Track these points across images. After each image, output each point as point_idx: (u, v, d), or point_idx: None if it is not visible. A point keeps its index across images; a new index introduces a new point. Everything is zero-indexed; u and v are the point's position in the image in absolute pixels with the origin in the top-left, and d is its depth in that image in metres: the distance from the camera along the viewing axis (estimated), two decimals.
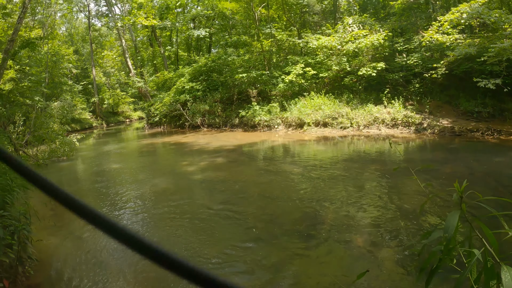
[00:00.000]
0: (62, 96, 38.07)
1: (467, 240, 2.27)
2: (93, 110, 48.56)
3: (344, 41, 23.10)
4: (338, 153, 14.56)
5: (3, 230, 4.92)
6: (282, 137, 20.62)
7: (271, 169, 12.33)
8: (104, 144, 25.57)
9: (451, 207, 7.08)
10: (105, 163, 16.72)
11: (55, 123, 23.13)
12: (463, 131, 16.97)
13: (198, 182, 11.20)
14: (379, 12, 27.96)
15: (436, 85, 20.56)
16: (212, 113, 27.88)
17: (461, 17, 17.43)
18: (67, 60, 42.28)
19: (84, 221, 0.50)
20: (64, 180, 13.60)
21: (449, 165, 11.22)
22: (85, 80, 51.38)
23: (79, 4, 50.87)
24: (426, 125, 18.41)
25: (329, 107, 21.46)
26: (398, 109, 19.69)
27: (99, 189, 11.49)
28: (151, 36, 41.44)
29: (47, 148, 17.92)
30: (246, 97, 27.05)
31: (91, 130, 41.97)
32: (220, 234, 6.81)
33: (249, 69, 27.53)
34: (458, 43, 17.98)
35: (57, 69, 37.97)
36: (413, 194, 8.45)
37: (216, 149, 17.74)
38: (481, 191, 7.30)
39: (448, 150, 14.16)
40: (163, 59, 39.01)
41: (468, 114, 18.49)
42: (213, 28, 37.35)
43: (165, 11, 38.91)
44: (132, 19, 33.00)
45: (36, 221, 6.82)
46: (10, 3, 28.95)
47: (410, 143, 15.96)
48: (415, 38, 21.86)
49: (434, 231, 2.33)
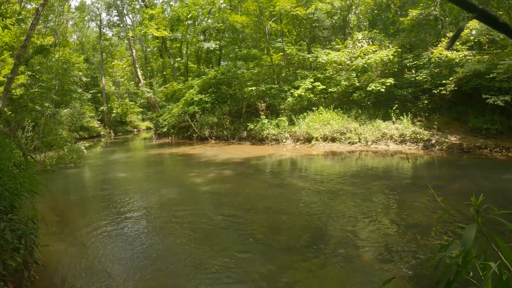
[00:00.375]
0: (72, 104, 38.34)
1: (483, 253, 2.25)
2: (102, 118, 48.87)
3: (353, 56, 23.16)
4: (345, 168, 14.50)
5: (11, 233, 4.92)
6: (290, 151, 20.59)
7: (278, 182, 12.29)
8: (111, 153, 25.67)
9: (462, 222, 7.03)
10: (112, 172, 16.76)
11: (64, 130, 23.29)
12: (471, 148, 16.87)
13: (205, 194, 11.18)
14: (388, 28, 28.02)
15: (444, 101, 20.49)
16: (220, 125, 27.93)
17: (471, 33, 17.45)
18: (78, 68, 42.66)
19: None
20: (70, 186, 13.65)
21: (457, 182, 11.13)
22: (95, 88, 51.76)
23: (91, 13, 51.57)
24: (434, 141, 18.32)
25: (338, 122, 21.43)
26: (406, 125, 19.62)
27: (105, 196, 11.50)
28: (161, 47, 41.76)
29: (55, 155, 18.01)
30: (254, 111, 27.10)
31: (99, 139, 42.21)
32: (224, 245, 6.77)
33: (258, 82, 27.62)
34: (467, 59, 17.97)
35: (67, 77, 38.30)
36: (421, 209, 8.37)
37: (224, 161, 17.74)
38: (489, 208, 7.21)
39: (456, 167, 14.07)
40: (173, 70, 39.27)
41: (477, 130, 18.38)
42: (223, 41, 37.59)
43: (176, 22, 39.29)
44: (143, 30, 33.34)
45: (44, 226, 6.82)
46: (24, 10, 29.36)
47: (418, 159, 15.87)
48: (424, 54, 21.83)
49: (451, 244, 2.31)
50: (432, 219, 7.61)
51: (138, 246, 6.97)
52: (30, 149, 16.54)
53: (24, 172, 7.92)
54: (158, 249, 6.79)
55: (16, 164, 8.28)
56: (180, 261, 6.16)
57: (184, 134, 30.94)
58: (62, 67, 36.24)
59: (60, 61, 34.49)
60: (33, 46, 23.97)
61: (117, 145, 33.90)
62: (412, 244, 6.38)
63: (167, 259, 6.27)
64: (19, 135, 16.43)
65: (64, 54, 35.82)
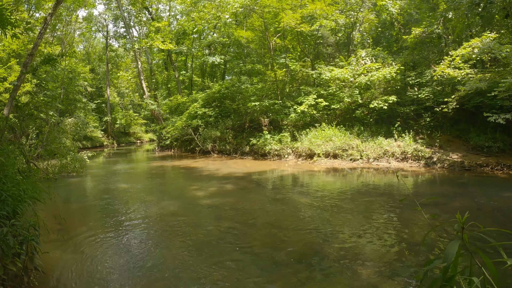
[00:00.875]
0: (76, 113, 38.55)
1: (467, 269, 2.31)
2: (105, 129, 49.10)
3: (356, 73, 23.29)
4: (346, 185, 14.53)
5: (13, 239, 4.99)
6: (292, 167, 20.62)
7: (279, 198, 12.32)
8: (114, 163, 25.76)
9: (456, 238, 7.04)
10: (114, 182, 16.84)
11: (67, 139, 23.47)
12: (472, 166, 16.88)
13: (205, 207, 11.21)
14: (392, 45, 28.23)
15: (446, 119, 20.58)
16: (223, 139, 28.01)
17: (473, 52, 17.56)
18: (83, 78, 42.91)
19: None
20: (72, 195, 13.73)
21: (457, 200, 11.17)
22: (99, 99, 52.10)
23: (98, 24, 52.10)
24: (436, 159, 18.34)
25: (340, 139, 21.49)
26: (408, 143, 19.66)
27: (106, 206, 11.57)
28: (166, 60, 42.06)
29: (58, 163, 18.12)
30: (257, 126, 27.20)
31: (101, 149, 42.33)
32: (221, 258, 6.80)
33: (261, 97, 27.76)
34: (469, 77, 18.05)
35: (72, 86, 38.51)
36: (421, 226, 8.41)
37: (226, 175, 17.79)
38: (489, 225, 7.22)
39: (457, 185, 14.09)
40: (177, 83, 39.51)
41: (478, 148, 18.40)
42: (228, 55, 37.89)
43: (182, 36, 39.61)
44: (149, 42, 33.59)
45: (45, 233, 6.88)
46: (32, 18, 29.70)
47: (420, 177, 15.89)
48: (427, 72, 21.94)
49: (435, 259, 2.38)
50: (429, 237, 7.64)
51: (136, 255, 7.03)
52: (34, 156, 16.66)
53: (27, 179, 8.02)
54: (155, 258, 6.84)
55: (20, 171, 8.37)
56: (177, 271, 6.21)
57: (187, 147, 31.05)
58: (68, 77, 36.48)
59: (66, 70, 34.77)
60: (40, 54, 24.25)
61: (119, 156, 34.00)
62: (407, 261, 6.42)
63: (164, 269, 6.32)
64: (23, 142, 16.57)
65: (70, 63, 36.11)
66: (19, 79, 14.71)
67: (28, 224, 5.71)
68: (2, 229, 5.00)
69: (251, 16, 30.36)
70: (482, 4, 17.27)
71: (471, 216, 2.47)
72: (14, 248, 5.00)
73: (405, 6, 25.41)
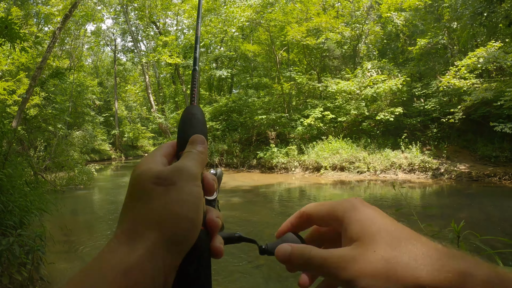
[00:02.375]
0: (84, 126, 38.72)
1: None
2: (113, 142, 49.26)
3: (363, 85, 23.30)
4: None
5: (19, 248, 5.02)
6: (299, 179, 20.58)
7: (285, 211, 12.29)
8: (121, 176, 25.83)
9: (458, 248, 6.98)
10: (121, 195, 16.87)
11: (75, 151, 23.56)
12: (480, 176, 16.77)
13: None
14: (398, 57, 28.26)
15: (453, 130, 20.50)
16: (230, 153, 28.02)
17: (478, 61, 17.55)
18: (91, 92, 43.21)
19: None
20: (79, 207, 13.78)
21: (465, 210, 11.09)
22: (107, 112, 52.34)
23: (106, 38, 52.62)
24: (443, 170, 18.25)
25: (347, 151, 21.44)
26: (415, 154, 19.59)
27: (113, 219, 11.58)
28: (174, 74, 42.30)
29: (66, 175, 18.19)
30: (264, 139, 27.22)
31: (109, 162, 42.47)
32: (226, 270, 6.80)
33: (268, 111, 27.80)
34: (475, 87, 18.03)
35: (81, 99, 38.78)
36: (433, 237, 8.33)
37: (233, 188, 17.77)
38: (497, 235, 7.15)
39: (465, 196, 13.99)
40: (185, 97, 39.65)
41: (486, 158, 18.28)
42: (235, 69, 38.04)
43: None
44: (156, 56, 33.90)
45: (51, 244, 6.91)
46: (40, 32, 30.09)
47: (427, 188, 15.80)
48: (433, 83, 21.90)
49: None
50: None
51: None
52: (41, 168, 16.76)
53: (34, 190, 8.06)
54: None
55: (27, 183, 8.43)
56: None
57: None
58: (76, 90, 36.79)
59: (75, 83, 35.09)
60: (48, 68, 24.49)
61: (127, 169, 34.09)
62: None
63: None
64: (31, 154, 16.69)
65: (78, 77, 36.44)
66: (27, 92, 14.88)
67: (35, 235, 5.73)
68: (9, 238, 5.03)
69: (258, 30, 30.58)
70: (485, 13, 17.25)
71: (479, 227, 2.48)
72: (20, 258, 5.02)
73: (410, 18, 25.48)
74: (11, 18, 8.13)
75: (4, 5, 20.96)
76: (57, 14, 30.49)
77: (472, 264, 0.43)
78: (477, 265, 0.43)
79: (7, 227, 5.73)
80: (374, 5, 26.89)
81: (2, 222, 5.73)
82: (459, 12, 20.33)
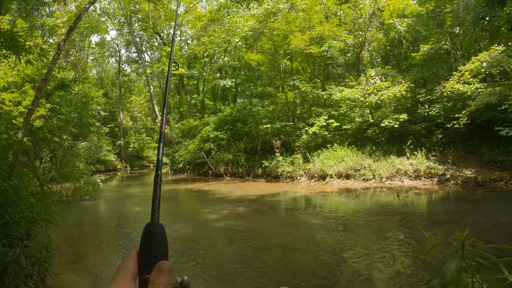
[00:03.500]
0: (89, 137, 38.97)
1: (469, 286, 2.29)
2: (118, 152, 49.50)
3: (367, 93, 23.30)
4: (359, 205, 14.41)
5: (25, 260, 5.04)
6: (304, 188, 20.53)
7: (291, 220, 12.25)
8: (127, 187, 25.89)
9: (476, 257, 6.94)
10: (126, 205, 16.91)
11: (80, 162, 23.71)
12: (486, 181, 16.67)
13: (218, 230, 11.18)
14: (401, 63, 28.28)
15: (458, 135, 20.43)
16: (235, 162, 28.05)
17: (481, 66, 17.53)
18: (96, 102, 43.55)
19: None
20: (85, 218, 13.80)
21: (471, 216, 11.02)
22: (112, 123, 52.66)
23: (111, 49, 53.03)
24: (449, 176, 18.16)
25: (352, 159, 21.40)
26: (420, 161, 19.52)
27: (119, 229, 11.60)
28: (178, 84, 42.58)
29: (71, 186, 18.25)
30: (269, 148, 27.23)
31: (115, 172, 42.60)
32: (237, 281, 6.78)
33: (273, 120, 27.87)
34: (479, 92, 17.99)
35: (86, 110, 39.10)
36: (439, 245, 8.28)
37: (238, 198, 17.75)
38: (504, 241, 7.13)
39: (471, 201, 13.91)
40: (189, 107, 39.87)
41: (492, 163, 18.17)
42: (239, 78, 38.22)
43: (193, 60, 40.20)
44: (161, 67, 34.11)
45: (57, 255, 6.92)
46: (45, 44, 30.34)
47: (433, 194, 15.72)
48: (437, 88, 21.88)
49: (434, 278, 2.36)
50: (444, 255, 7.52)
51: None
52: (47, 179, 16.82)
53: (40, 201, 8.09)
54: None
55: (33, 194, 8.46)
56: None
57: (199, 170, 31.12)
58: (81, 101, 37.07)
59: (80, 94, 35.31)
60: (53, 79, 24.68)
61: (133, 179, 34.18)
62: (421, 282, 6.33)
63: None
64: (37, 165, 16.78)
65: (83, 88, 36.69)
66: (33, 104, 14.99)
67: (41, 246, 5.75)
68: (15, 250, 5.04)
69: (261, 39, 30.70)
70: (487, 17, 17.26)
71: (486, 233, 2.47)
72: (26, 269, 5.03)
73: (412, 24, 25.55)
74: (16, 30, 8.21)
75: (9, 18, 21.15)
76: (62, 26, 30.83)
77: None
78: None
79: (14, 238, 5.76)
80: (376, 12, 26.98)
81: (8, 233, 5.76)
82: (461, 17, 20.35)
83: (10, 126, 13.50)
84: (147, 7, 35.14)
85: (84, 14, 21.99)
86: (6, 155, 7.37)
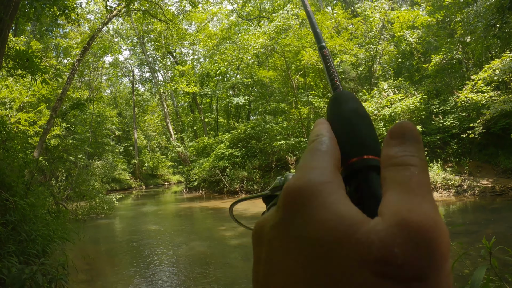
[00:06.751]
0: (104, 156, 39.22)
1: None
2: (133, 171, 49.67)
3: (380, 106, 23.16)
4: None
5: (42, 277, 5.05)
6: None
7: None
8: (142, 205, 25.94)
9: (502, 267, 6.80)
10: (142, 224, 16.92)
11: (96, 181, 23.86)
12: (504, 190, 16.36)
13: (234, 247, 11.13)
14: (413, 75, 28.16)
15: (474, 145, 20.17)
16: (250, 179, 27.93)
17: (494, 73, 17.37)
18: (111, 122, 43.91)
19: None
20: (101, 236, 13.84)
21: (490, 226, 10.83)
22: (127, 142, 52.97)
23: (124, 69, 53.69)
24: (466, 186, 17.88)
25: None
26: (437, 172, 19.27)
27: (135, 248, 11.60)
28: (192, 103, 42.77)
29: (87, 205, 18.36)
30: (284, 164, 27.11)
31: (130, 191, 42.76)
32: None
33: (287, 136, 27.78)
34: (493, 100, 17.79)
35: (100, 130, 39.40)
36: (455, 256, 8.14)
37: (254, 215, 17.63)
38: None
39: (489, 211, 13.69)
40: (203, 125, 39.95)
41: (509, 172, 17.87)
42: (252, 95, 38.26)
43: (206, 78, 40.42)
44: (174, 86, 34.36)
45: (74, 273, 6.93)
46: (60, 64, 30.83)
47: (451, 206, 15.50)
48: (450, 99, 21.71)
49: (465, 286, 2.33)
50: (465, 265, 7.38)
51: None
52: (63, 198, 16.97)
53: (56, 219, 8.15)
54: None
55: (49, 212, 8.53)
56: None
57: (214, 188, 31.02)
58: (96, 120, 37.40)
59: (94, 114, 35.70)
60: (68, 99, 25.01)
61: (148, 197, 34.26)
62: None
63: None
64: (53, 184, 16.94)
65: (98, 107, 37.13)
66: (48, 123, 15.21)
67: (57, 263, 5.78)
68: (32, 267, 5.06)
69: (273, 56, 30.80)
70: (498, 24, 17.13)
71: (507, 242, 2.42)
72: (43, 286, 5.04)
73: (423, 35, 25.50)
74: (31, 51, 8.37)
75: (24, 39, 21.57)
76: (76, 46, 31.37)
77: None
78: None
79: (30, 255, 5.79)
80: (386, 24, 26.96)
81: (25, 250, 5.79)
82: (472, 25, 20.25)
83: (26, 145, 13.68)
84: (159, 27, 35.58)
85: (98, 35, 22.37)
86: (22, 173, 7.46)
